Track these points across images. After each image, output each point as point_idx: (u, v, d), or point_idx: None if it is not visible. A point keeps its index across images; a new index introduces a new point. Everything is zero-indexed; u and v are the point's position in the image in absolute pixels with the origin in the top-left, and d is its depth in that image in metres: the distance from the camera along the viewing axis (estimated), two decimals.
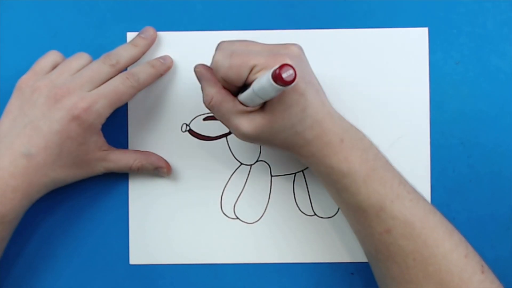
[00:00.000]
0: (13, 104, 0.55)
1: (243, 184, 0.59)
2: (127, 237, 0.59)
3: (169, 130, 0.59)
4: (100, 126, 0.55)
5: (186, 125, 0.59)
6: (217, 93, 0.51)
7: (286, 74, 0.44)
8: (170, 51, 0.59)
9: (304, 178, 0.59)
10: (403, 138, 0.59)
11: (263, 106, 0.50)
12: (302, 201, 0.59)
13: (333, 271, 0.59)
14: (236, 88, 0.51)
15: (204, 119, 0.59)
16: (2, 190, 0.52)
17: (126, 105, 0.59)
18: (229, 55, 0.49)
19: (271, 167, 0.60)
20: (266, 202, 0.59)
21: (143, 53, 0.58)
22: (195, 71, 0.53)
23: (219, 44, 0.52)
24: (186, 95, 0.59)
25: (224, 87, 0.51)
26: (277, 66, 0.44)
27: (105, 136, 0.56)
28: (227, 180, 0.59)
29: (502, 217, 0.59)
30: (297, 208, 0.59)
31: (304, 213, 0.59)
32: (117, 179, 0.59)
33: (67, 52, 0.58)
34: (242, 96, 0.50)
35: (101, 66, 0.55)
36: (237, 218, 0.59)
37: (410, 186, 0.52)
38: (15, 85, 0.56)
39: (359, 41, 0.59)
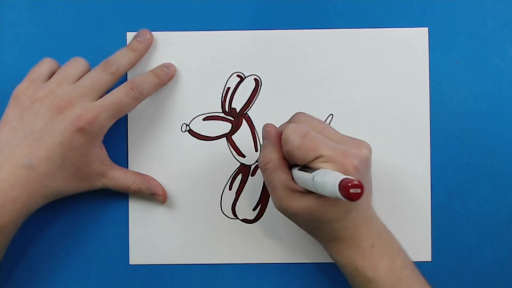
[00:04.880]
0: (11, 114, 0.54)
1: (243, 184, 0.59)
2: (127, 237, 0.59)
3: (169, 130, 0.59)
4: (102, 137, 0.55)
5: (186, 125, 0.59)
6: (275, 160, 0.50)
7: (354, 191, 0.43)
8: (170, 51, 0.59)
9: None
10: (403, 138, 0.59)
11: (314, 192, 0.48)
12: None
13: (333, 271, 0.59)
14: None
15: (204, 119, 0.59)
16: (2, 202, 0.51)
17: None
18: (303, 135, 0.48)
19: None
20: (266, 202, 0.59)
21: (141, 57, 0.58)
22: (264, 129, 0.52)
23: (298, 115, 0.51)
24: (186, 95, 0.59)
25: (284, 156, 0.51)
26: (349, 178, 0.44)
27: (105, 139, 0.56)
28: (227, 180, 0.59)
29: (502, 217, 0.59)
30: None
31: None
32: None
33: (67, 52, 0.58)
34: (298, 175, 0.49)
35: (101, 75, 0.55)
36: (237, 218, 0.59)
37: None
38: (13, 83, 0.55)
39: (359, 41, 0.59)
